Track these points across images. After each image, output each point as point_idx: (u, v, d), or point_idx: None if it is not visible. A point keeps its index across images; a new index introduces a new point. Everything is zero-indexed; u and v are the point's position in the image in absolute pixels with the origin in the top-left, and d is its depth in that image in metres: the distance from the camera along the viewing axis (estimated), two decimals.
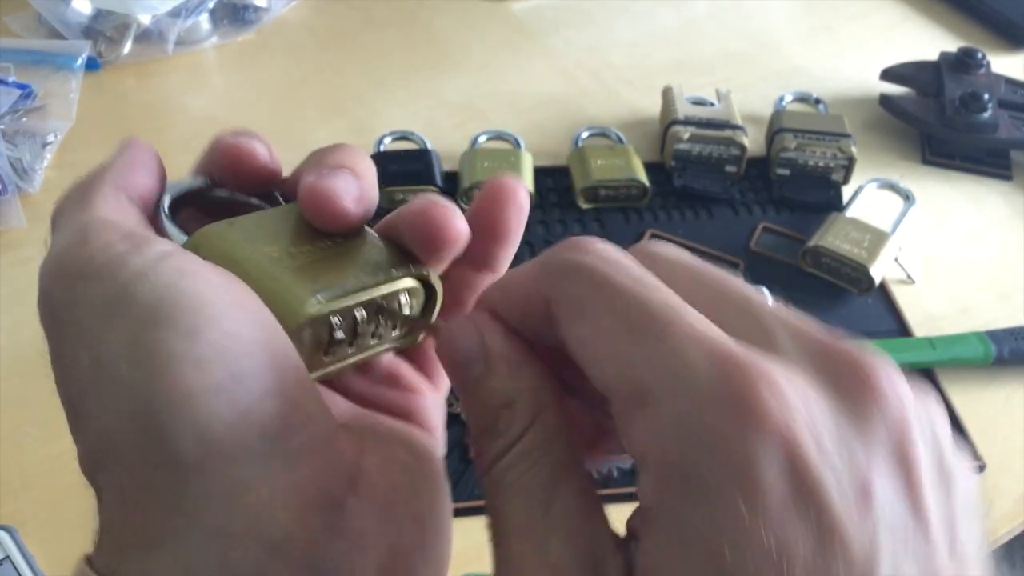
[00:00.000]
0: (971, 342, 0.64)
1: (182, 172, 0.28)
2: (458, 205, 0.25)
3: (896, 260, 0.70)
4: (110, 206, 0.24)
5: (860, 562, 0.17)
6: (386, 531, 0.22)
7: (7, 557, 0.50)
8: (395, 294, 0.26)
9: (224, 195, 0.28)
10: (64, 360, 0.22)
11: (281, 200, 0.28)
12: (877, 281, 0.67)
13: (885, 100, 0.84)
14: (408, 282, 0.26)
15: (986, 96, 0.80)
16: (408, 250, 0.26)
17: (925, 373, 0.63)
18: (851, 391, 0.18)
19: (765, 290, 0.65)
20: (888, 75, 0.86)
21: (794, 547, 0.17)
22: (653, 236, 0.72)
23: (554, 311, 0.21)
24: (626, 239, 0.72)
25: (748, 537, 0.17)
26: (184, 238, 0.26)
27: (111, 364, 0.21)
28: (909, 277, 0.71)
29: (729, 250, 0.72)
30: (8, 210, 0.70)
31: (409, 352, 0.29)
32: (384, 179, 0.73)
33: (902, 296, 0.69)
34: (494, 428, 0.21)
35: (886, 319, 0.67)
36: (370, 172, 0.27)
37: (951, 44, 0.90)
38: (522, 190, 0.26)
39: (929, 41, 0.96)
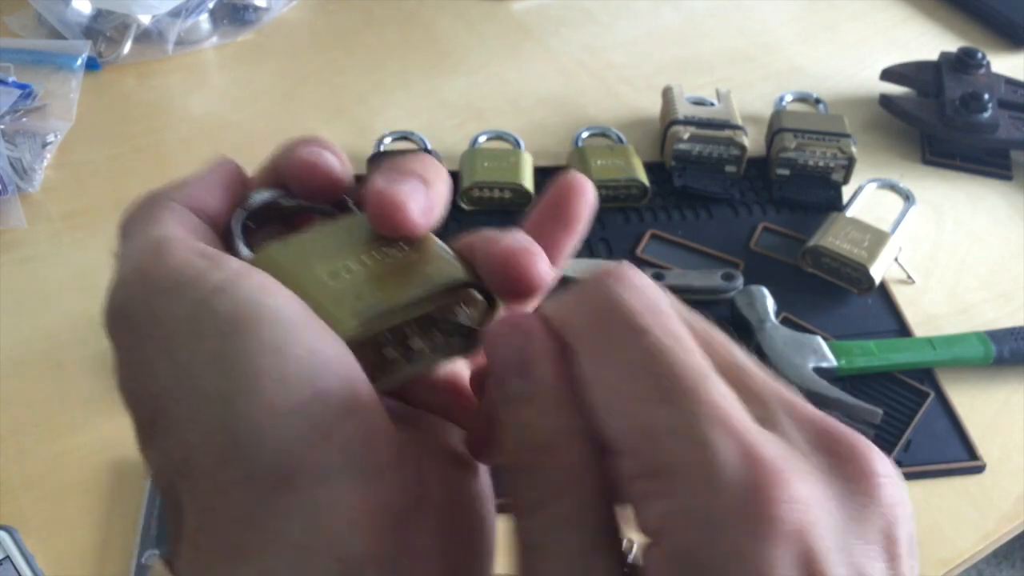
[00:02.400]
0: (971, 342, 0.64)
1: (182, 171, 0.28)
2: (458, 205, 0.25)
3: (896, 260, 0.70)
4: (181, 223, 0.25)
5: None
6: (445, 547, 0.23)
7: (7, 557, 0.50)
8: (449, 306, 0.26)
9: (295, 204, 0.28)
10: (140, 370, 0.23)
11: (352, 207, 0.28)
12: (877, 281, 0.68)
13: (885, 100, 0.84)
14: (464, 293, 0.26)
15: (986, 96, 0.80)
16: (470, 262, 0.26)
17: (925, 373, 0.63)
18: (852, 480, 0.20)
19: (766, 290, 0.65)
20: (888, 75, 0.86)
21: None
22: (653, 236, 0.72)
23: (577, 344, 0.21)
24: (626, 239, 0.72)
25: None
26: (250, 255, 0.26)
27: (196, 377, 0.21)
28: (909, 277, 0.71)
29: (729, 250, 0.72)
30: (8, 210, 0.70)
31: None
32: None
33: (902, 296, 0.69)
34: (532, 472, 0.21)
35: (886, 319, 0.67)
36: (441, 183, 0.27)
37: (951, 44, 0.90)
38: (591, 185, 0.27)
39: (929, 41, 0.96)
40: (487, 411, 0.25)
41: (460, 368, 0.28)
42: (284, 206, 0.28)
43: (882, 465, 0.20)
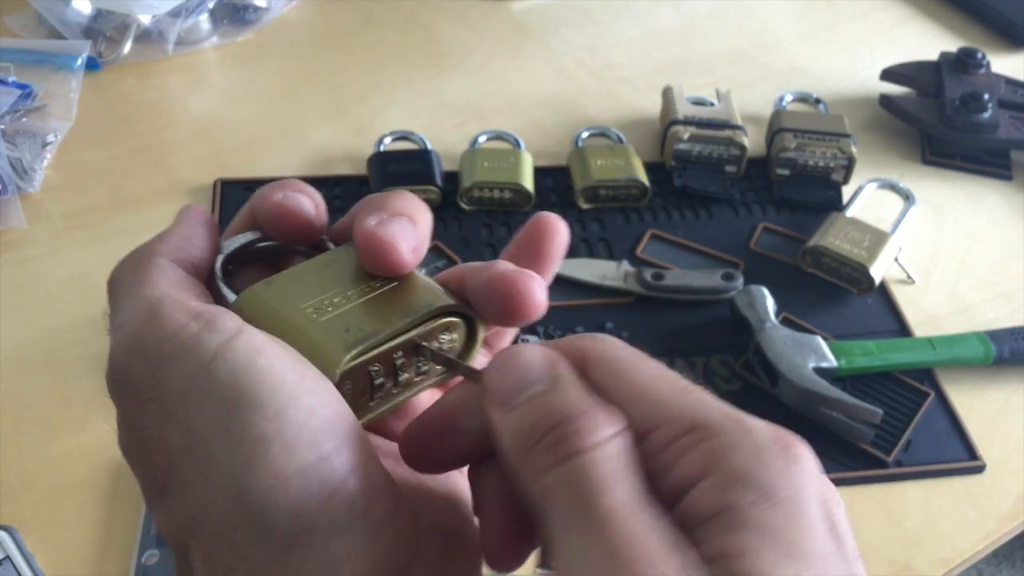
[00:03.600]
0: (971, 342, 0.64)
1: (182, 171, 0.29)
2: (459, 204, 0.26)
3: (896, 260, 0.70)
4: (170, 280, 0.26)
5: None
6: None
7: (7, 557, 0.50)
8: (432, 332, 0.26)
9: (274, 244, 0.29)
10: (147, 433, 0.23)
11: (330, 245, 0.29)
12: (877, 281, 0.67)
13: (885, 100, 0.84)
14: (446, 319, 0.26)
15: (986, 96, 0.80)
16: (449, 287, 0.27)
17: (925, 373, 0.63)
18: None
19: (766, 290, 0.65)
20: (888, 75, 0.86)
21: (829, 565, 0.20)
22: (653, 236, 0.72)
23: (593, 364, 0.23)
24: (626, 239, 0.72)
25: (812, 541, 0.20)
26: (234, 297, 0.27)
27: (204, 444, 0.22)
28: (909, 277, 0.71)
29: (729, 250, 0.72)
30: (8, 210, 0.70)
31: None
32: (384, 179, 0.73)
33: (902, 296, 0.69)
34: (558, 434, 0.22)
35: (886, 319, 0.67)
36: (426, 221, 0.28)
37: (951, 44, 0.90)
38: (563, 225, 0.28)
39: (929, 41, 0.96)
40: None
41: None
42: (262, 247, 0.29)
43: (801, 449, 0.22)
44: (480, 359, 0.28)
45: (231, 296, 0.27)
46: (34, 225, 0.71)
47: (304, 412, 0.22)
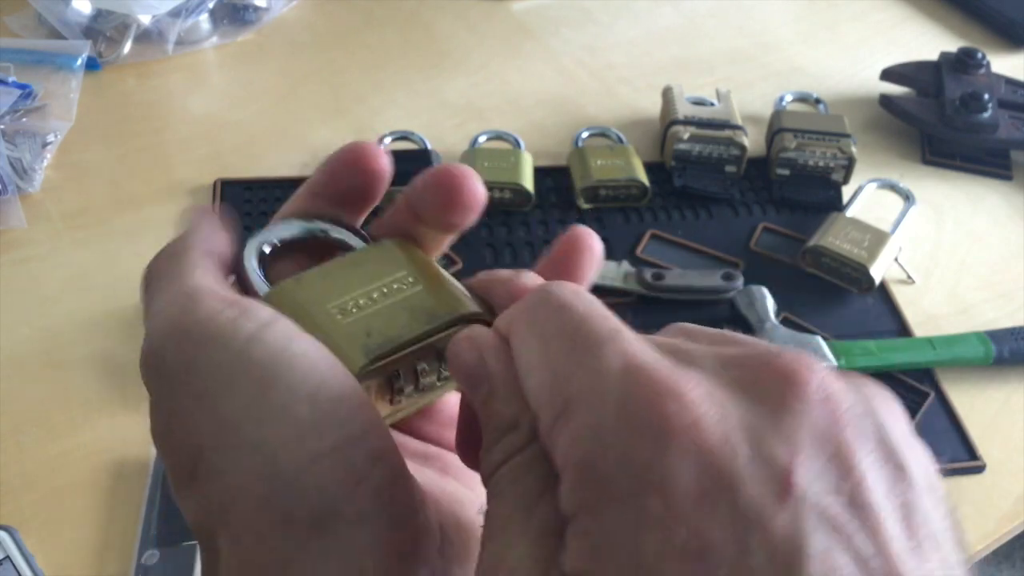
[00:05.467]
0: (971, 342, 0.64)
1: (182, 171, 0.29)
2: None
3: (896, 260, 0.70)
4: (205, 270, 0.26)
5: (782, 550, 0.17)
6: None
7: (7, 557, 0.50)
8: (453, 335, 0.26)
9: (305, 236, 0.29)
10: (180, 420, 0.23)
11: (364, 238, 0.29)
12: (877, 281, 0.68)
13: (885, 100, 0.84)
14: (466, 323, 0.26)
15: (986, 96, 0.80)
16: (474, 291, 0.27)
17: (925, 373, 0.63)
18: (770, 392, 0.19)
19: (766, 290, 0.65)
20: (888, 75, 0.86)
21: (712, 540, 0.17)
22: (653, 236, 0.72)
23: (513, 329, 0.23)
24: (626, 239, 0.72)
25: (666, 534, 0.17)
26: (267, 288, 0.27)
27: (236, 427, 0.22)
28: (909, 277, 0.71)
29: (729, 250, 0.72)
30: (8, 210, 0.70)
31: None
32: None
33: (902, 296, 0.69)
34: (501, 442, 0.22)
35: (886, 319, 0.67)
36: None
37: (951, 44, 0.90)
38: (597, 240, 0.28)
39: (929, 41, 0.96)
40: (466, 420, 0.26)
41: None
42: (297, 241, 0.29)
43: (801, 363, 0.19)
44: None
45: (263, 288, 0.27)
46: (34, 225, 0.71)
47: (335, 397, 0.22)
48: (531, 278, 0.27)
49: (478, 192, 0.27)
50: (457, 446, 0.26)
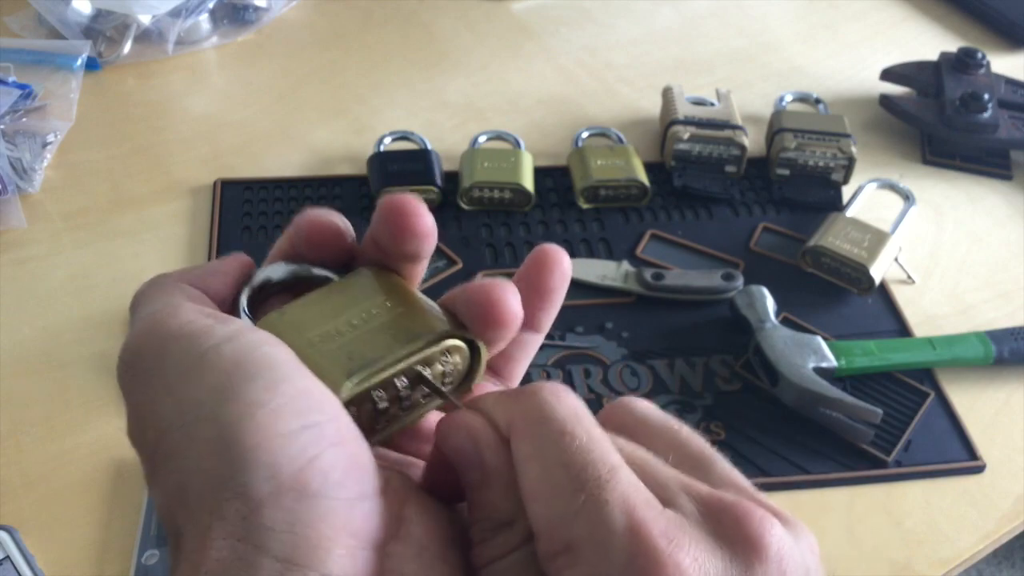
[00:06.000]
0: (971, 342, 0.64)
1: (182, 171, 0.29)
2: (459, 204, 0.26)
3: (896, 260, 0.70)
4: (188, 296, 0.28)
5: None
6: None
7: (7, 557, 0.50)
8: (434, 356, 0.27)
9: (292, 278, 0.30)
10: (146, 408, 0.25)
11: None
12: (877, 281, 0.68)
13: (885, 100, 0.84)
14: (447, 343, 0.28)
15: (986, 96, 0.80)
16: (452, 313, 0.28)
17: (925, 373, 0.63)
18: (737, 543, 0.22)
19: (766, 290, 0.65)
20: (888, 75, 0.86)
21: None
22: (653, 236, 0.72)
23: (515, 444, 0.24)
24: (626, 239, 0.72)
25: None
26: (251, 323, 0.28)
27: (197, 406, 0.24)
28: (909, 277, 0.71)
29: (729, 250, 0.72)
30: (8, 210, 0.70)
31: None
32: (384, 179, 0.73)
33: (902, 296, 0.69)
34: (496, 538, 0.24)
35: (886, 319, 0.67)
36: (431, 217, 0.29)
37: (951, 44, 0.90)
38: (565, 257, 0.29)
39: (929, 41, 0.96)
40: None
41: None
42: (285, 281, 0.30)
43: (764, 526, 0.22)
44: (486, 386, 0.30)
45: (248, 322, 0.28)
46: (34, 225, 0.71)
47: (298, 390, 0.24)
48: (478, 279, 0.28)
49: (423, 221, 0.28)
50: (425, 483, 0.27)
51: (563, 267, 0.29)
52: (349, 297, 0.29)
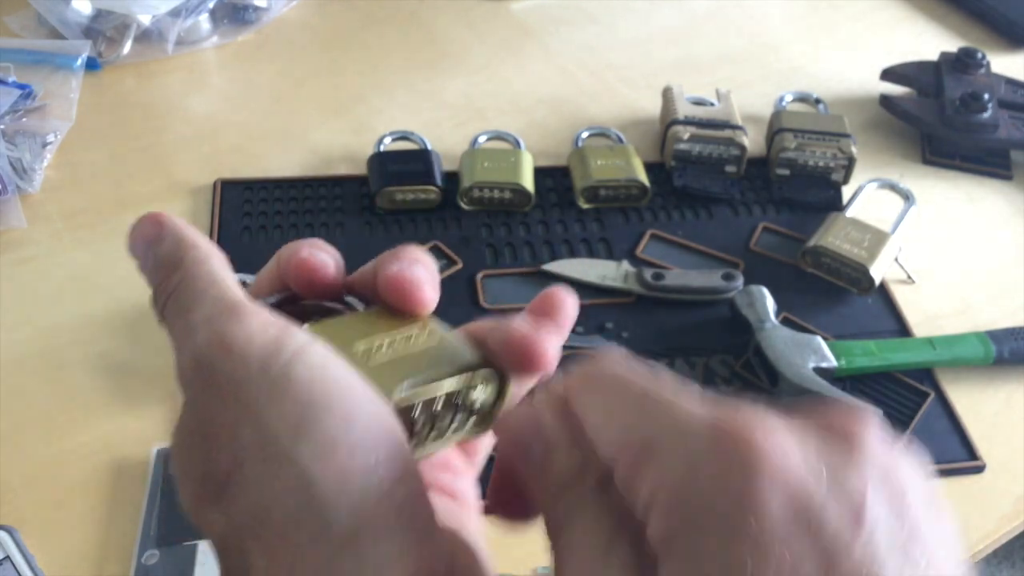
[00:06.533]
0: (971, 342, 0.64)
1: (182, 171, 0.29)
2: (459, 204, 0.27)
3: (896, 260, 0.70)
4: (235, 286, 0.27)
5: (860, 571, 0.19)
6: None
7: (7, 557, 0.50)
8: (469, 386, 0.28)
9: (296, 305, 0.30)
10: (223, 431, 0.24)
11: (354, 303, 0.31)
12: (877, 281, 0.67)
13: (885, 100, 0.84)
14: (483, 372, 0.28)
15: (986, 96, 0.80)
16: (477, 342, 0.29)
17: (925, 373, 0.63)
18: (839, 441, 0.21)
19: (766, 290, 0.65)
20: (888, 75, 0.86)
21: (802, 560, 0.19)
22: (653, 236, 0.72)
23: (577, 399, 0.25)
24: (626, 239, 0.72)
25: (762, 552, 0.19)
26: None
27: (277, 441, 0.23)
28: (909, 277, 0.71)
29: (729, 250, 0.72)
30: (8, 210, 0.70)
31: None
32: (384, 179, 0.73)
33: (902, 296, 0.69)
34: (569, 491, 0.24)
35: (886, 319, 0.67)
36: (434, 266, 0.30)
37: (951, 44, 0.90)
38: (573, 299, 0.30)
39: (929, 41, 0.96)
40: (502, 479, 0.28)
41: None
42: (290, 307, 0.30)
43: (870, 432, 0.21)
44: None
45: None
46: (34, 225, 0.71)
47: (367, 419, 0.24)
48: (517, 323, 0.28)
49: (425, 296, 0.29)
50: (490, 507, 0.28)
51: (568, 308, 0.30)
52: (382, 323, 0.29)
